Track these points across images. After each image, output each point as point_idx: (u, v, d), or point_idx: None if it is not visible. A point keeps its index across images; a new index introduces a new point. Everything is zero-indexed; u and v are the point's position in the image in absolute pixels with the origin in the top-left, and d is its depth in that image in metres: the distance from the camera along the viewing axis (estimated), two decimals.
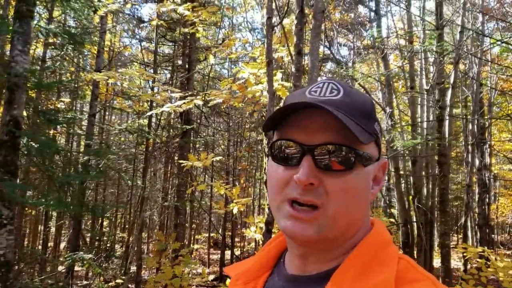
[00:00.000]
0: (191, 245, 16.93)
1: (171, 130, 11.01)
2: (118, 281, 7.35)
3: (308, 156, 0.73)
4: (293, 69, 5.00)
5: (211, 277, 12.51)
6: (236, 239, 17.55)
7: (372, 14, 10.95)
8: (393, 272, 0.71)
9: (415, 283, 0.70)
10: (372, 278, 0.71)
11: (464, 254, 5.59)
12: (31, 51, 10.23)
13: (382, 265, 0.73)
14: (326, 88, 0.78)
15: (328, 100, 0.75)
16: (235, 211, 7.11)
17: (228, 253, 15.56)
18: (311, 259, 0.79)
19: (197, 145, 14.25)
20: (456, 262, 14.41)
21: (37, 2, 5.79)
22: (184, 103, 5.94)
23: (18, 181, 4.92)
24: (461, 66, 13.10)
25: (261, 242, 6.13)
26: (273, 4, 5.47)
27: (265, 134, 4.68)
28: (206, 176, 16.28)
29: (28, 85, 4.92)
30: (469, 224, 15.16)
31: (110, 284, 7.55)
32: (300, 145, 0.74)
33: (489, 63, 11.90)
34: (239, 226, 17.60)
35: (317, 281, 0.76)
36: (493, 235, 18.11)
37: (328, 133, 0.73)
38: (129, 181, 7.75)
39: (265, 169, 4.52)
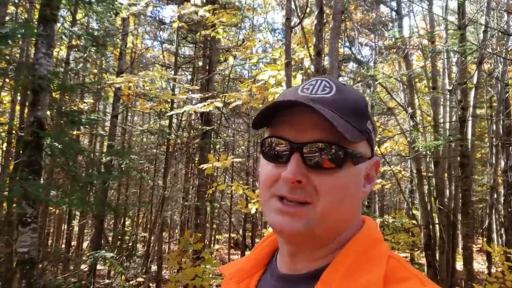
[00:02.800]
0: (212, 245, 17.02)
1: (192, 131, 11.09)
2: (139, 279, 7.44)
3: (296, 154, 0.74)
4: (312, 70, 4.99)
5: None
6: (257, 240, 17.57)
7: (394, 13, 10.82)
8: (382, 270, 0.71)
9: (403, 282, 0.70)
10: (361, 277, 0.71)
11: (493, 255, 5.45)
12: (55, 53, 10.46)
13: (371, 264, 0.73)
14: (319, 85, 0.78)
15: (319, 98, 0.76)
16: (253, 211, 7.13)
17: (248, 253, 15.58)
18: (301, 258, 0.79)
19: (217, 146, 14.32)
20: (480, 265, 14.16)
21: (61, 5, 5.91)
22: (205, 105, 6.00)
23: (42, 181, 5.03)
24: (486, 66, 12.86)
25: None
26: (292, 5, 5.47)
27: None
28: (226, 176, 16.34)
29: (51, 87, 5.03)
30: (494, 226, 14.85)
31: (131, 282, 7.64)
32: (289, 142, 0.75)
33: None
34: (259, 227, 17.62)
35: (307, 280, 0.76)
36: None
37: (317, 131, 0.73)
38: (150, 181, 7.84)
39: None
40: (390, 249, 0.79)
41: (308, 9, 6.59)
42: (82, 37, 7.52)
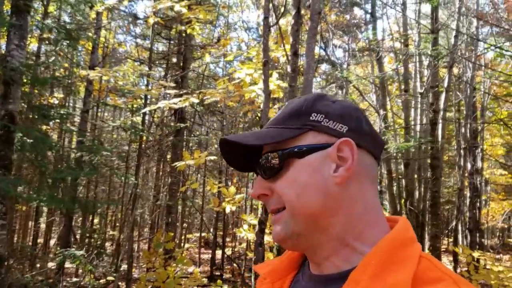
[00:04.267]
0: (182, 244, 16.88)
1: (165, 128, 10.97)
2: (109, 278, 7.30)
3: (258, 174, 0.84)
4: (288, 70, 4.99)
5: (205, 280, 12.45)
6: (228, 239, 17.52)
7: (368, 16, 10.96)
8: (411, 271, 0.70)
9: (435, 283, 0.69)
10: (389, 277, 0.70)
11: (462, 256, 5.61)
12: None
13: (400, 264, 0.71)
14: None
15: (269, 122, 0.87)
16: (228, 210, 7.08)
17: (219, 252, 15.53)
18: (316, 259, 0.81)
19: (190, 144, 14.21)
20: (446, 265, 14.48)
21: None
22: (180, 100, 5.93)
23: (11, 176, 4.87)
24: (455, 71, 13.18)
25: (253, 242, 6.11)
26: (270, 4, 5.46)
27: None
28: (199, 175, 16.23)
29: (24, 79, 4.89)
30: (460, 228, 15.23)
31: (100, 281, 7.50)
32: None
33: (483, 68, 11.97)
34: (230, 226, 17.58)
35: (335, 280, 0.77)
36: (483, 239, 18.20)
37: (264, 148, 0.84)
38: (122, 178, 7.69)
39: None
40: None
41: (284, 9, 6.59)
42: (55, 30, 7.33)
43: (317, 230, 0.78)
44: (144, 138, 8.45)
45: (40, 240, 14.17)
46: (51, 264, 9.73)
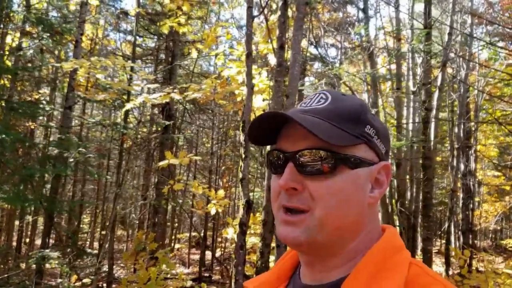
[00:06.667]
0: (172, 244, 16.62)
1: (153, 126, 10.72)
2: (85, 280, 7.02)
3: (290, 163, 0.77)
4: (275, 63, 4.76)
5: (189, 283, 12.18)
6: (219, 239, 17.29)
7: (360, 14, 10.76)
8: (402, 277, 0.72)
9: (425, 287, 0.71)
10: (381, 285, 0.72)
11: (456, 258, 5.51)
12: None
13: (391, 271, 0.73)
14: (315, 98, 0.82)
15: (311, 109, 0.79)
16: (213, 212, 6.89)
17: (209, 253, 15.31)
18: (318, 268, 0.80)
19: (180, 143, 13.94)
20: (438, 267, 14.34)
21: None
22: (161, 96, 5.70)
23: None
24: (449, 70, 13.03)
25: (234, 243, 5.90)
26: None
27: (243, 131, 4.47)
28: (190, 174, 15.97)
29: None
30: (452, 229, 15.09)
31: (76, 284, 7.21)
32: (284, 153, 0.79)
33: (477, 67, 11.81)
34: (222, 226, 17.36)
35: None
36: (475, 241, 18.10)
37: (309, 139, 0.75)
38: (96, 175, 7.43)
39: (241, 166, 4.34)
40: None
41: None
42: (34, 22, 7.05)
43: (338, 242, 0.78)
44: (126, 135, 8.17)
45: (27, 239, 13.86)
46: (32, 265, 9.43)
